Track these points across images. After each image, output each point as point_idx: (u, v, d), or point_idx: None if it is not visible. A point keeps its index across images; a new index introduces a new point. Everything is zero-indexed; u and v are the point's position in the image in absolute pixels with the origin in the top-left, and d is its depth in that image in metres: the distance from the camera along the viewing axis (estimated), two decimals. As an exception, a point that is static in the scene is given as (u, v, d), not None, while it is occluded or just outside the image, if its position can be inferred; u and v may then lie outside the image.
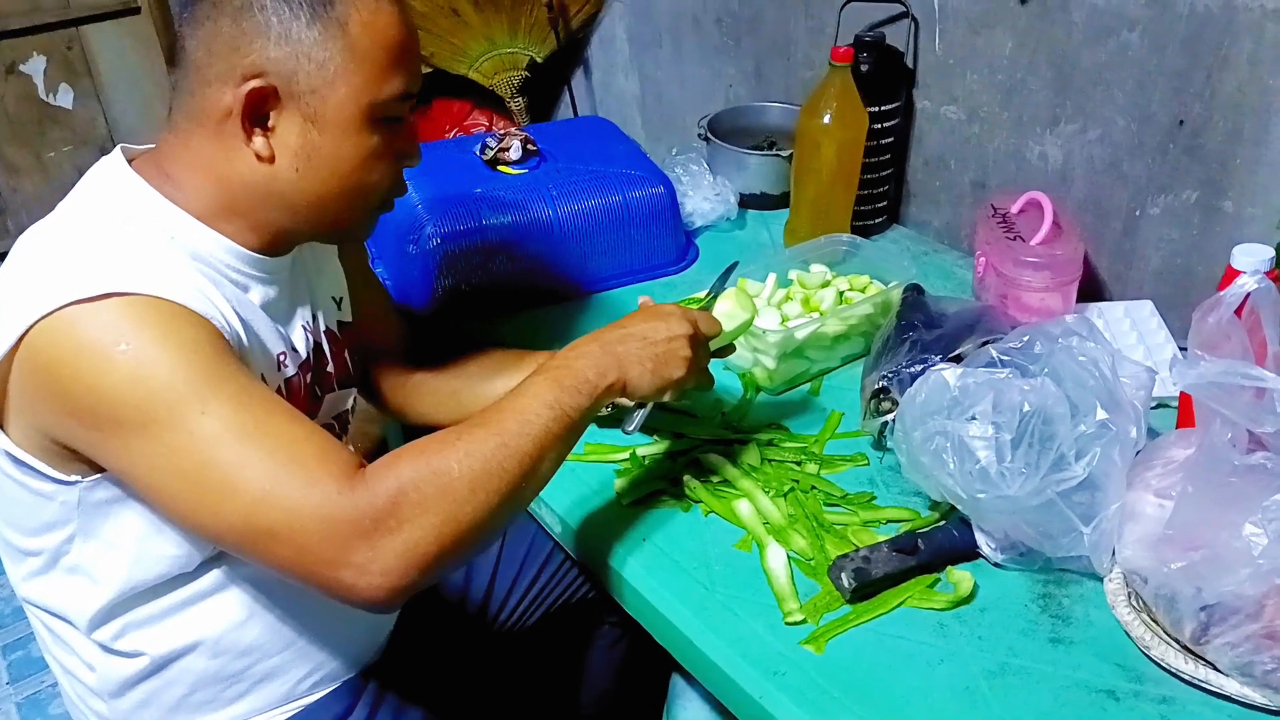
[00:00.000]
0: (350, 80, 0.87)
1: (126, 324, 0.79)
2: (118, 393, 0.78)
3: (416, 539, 0.79)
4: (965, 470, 0.93)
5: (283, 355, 0.97)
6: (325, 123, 0.88)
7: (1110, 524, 0.93)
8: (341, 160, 0.90)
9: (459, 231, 1.41)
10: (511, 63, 2.38)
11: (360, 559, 0.78)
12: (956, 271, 1.54)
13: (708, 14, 1.99)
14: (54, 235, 0.87)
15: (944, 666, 0.90)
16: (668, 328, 0.99)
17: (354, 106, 0.88)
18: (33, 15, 2.35)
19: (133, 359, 0.78)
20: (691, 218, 1.64)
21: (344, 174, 0.91)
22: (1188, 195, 1.30)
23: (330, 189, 0.91)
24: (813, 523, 1.04)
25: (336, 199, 0.92)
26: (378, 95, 0.88)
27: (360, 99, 0.88)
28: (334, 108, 0.87)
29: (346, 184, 0.91)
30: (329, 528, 0.78)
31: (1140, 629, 0.90)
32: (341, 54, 0.86)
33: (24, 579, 0.96)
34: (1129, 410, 0.94)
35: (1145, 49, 1.28)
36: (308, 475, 0.79)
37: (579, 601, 1.32)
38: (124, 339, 0.78)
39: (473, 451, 0.83)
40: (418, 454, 0.83)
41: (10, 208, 2.47)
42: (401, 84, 0.90)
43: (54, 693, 1.91)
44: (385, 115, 0.90)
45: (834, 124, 1.44)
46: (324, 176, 0.90)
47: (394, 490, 0.79)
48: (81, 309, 0.78)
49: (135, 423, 0.79)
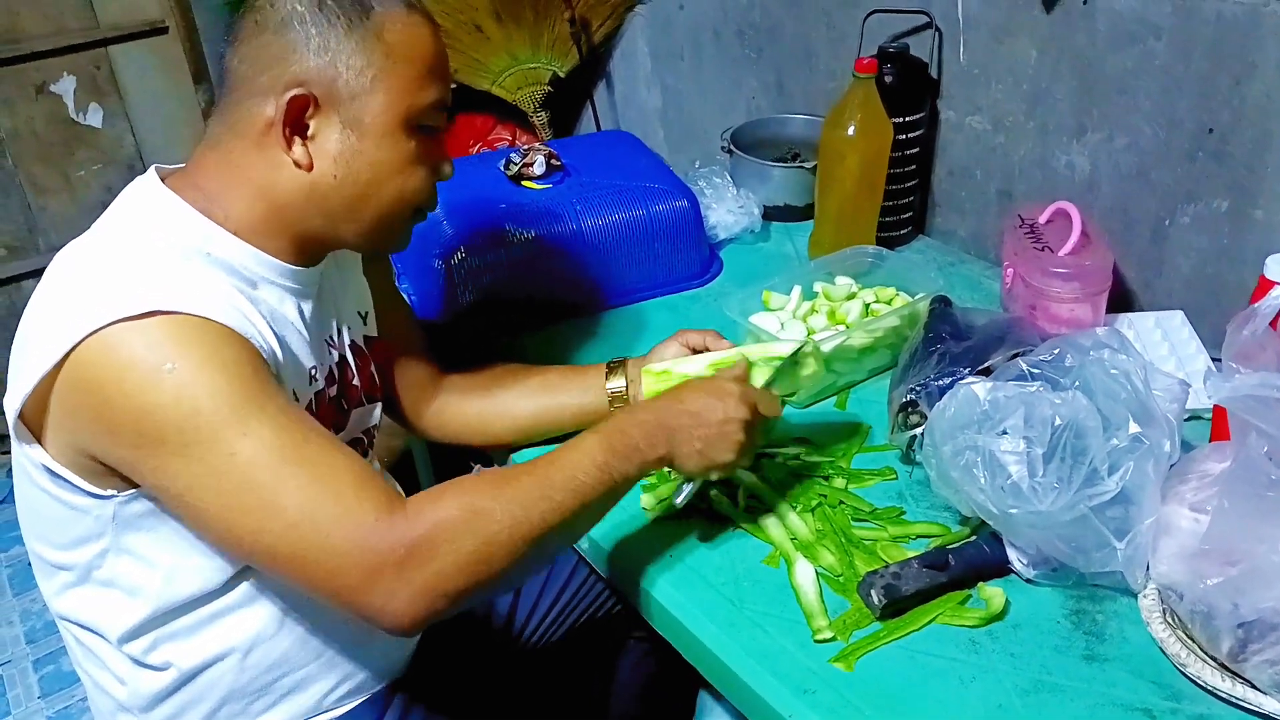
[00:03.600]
0: (389, 86, 0.90)
1: (172, 343, 0.80)
2: (163, 412, 0.79)
3: (448, 573, 0.81)
4: (996, 485, 0.92)
5: (314, 369, 0.98)
6: (364, 128, 0.90)
7: (1144, 539, 0.91)
8: (379, 165, 0.92)
9: (483, 246, 1.41)
10: (534, 77, 2.39)
11: (389, 586, 0.80)
12: (984, 282, 1.53)
13: (729, 26, 1.99)
14: (93, 254, 0.88)
15: (976, 684, 0.89)
16: (724, 409, 0.96)
17: (392, 113, 0.91)
18: (62, 36, 2.38)
19: (178, 379, 0.79)
20: (715, 230, 1.63)
21: (381, 180, 0.93)
22: (1217, 203, 1.29)
23: (368, 195, 0.93)
24: (841, 538, 1.03)
25: (373, 206, 0.94)
26: (414, 102, 0.91)
27: (398, 105, 0.90)
28: (373, 113, 0.90)
29: (383, 190, 0.93)
30: (362, 555, 0.79)
31: (1176, 646, 0.89)
32: (380, 61, 0.89)
33: (57, 593, 0.97)
34: (1162, 423, 0.93)
35: (1171, 56, 1.27)
36: (344, 502, 0.80)
37: (605, 617, 1.31)
38: (170, 359, 0.79)
39: (516, 499, 0.85)
40: (462, 492, 0.84)
41: (39, 227, 2.50)
42: (437, 93, 0.93)
43: (84, 707, 1.93)
44: (421, 123, 0.93)
45: (858, 135, 1.43)
46: (363, 182, 0.92)
47: (432, 524, 0.81)
48: (128, 327, 0.79)
49: (178, 442, 0.80)
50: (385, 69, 0.89)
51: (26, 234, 2.49)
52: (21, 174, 2.43)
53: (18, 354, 0.86)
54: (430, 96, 0.93)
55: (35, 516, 0.94)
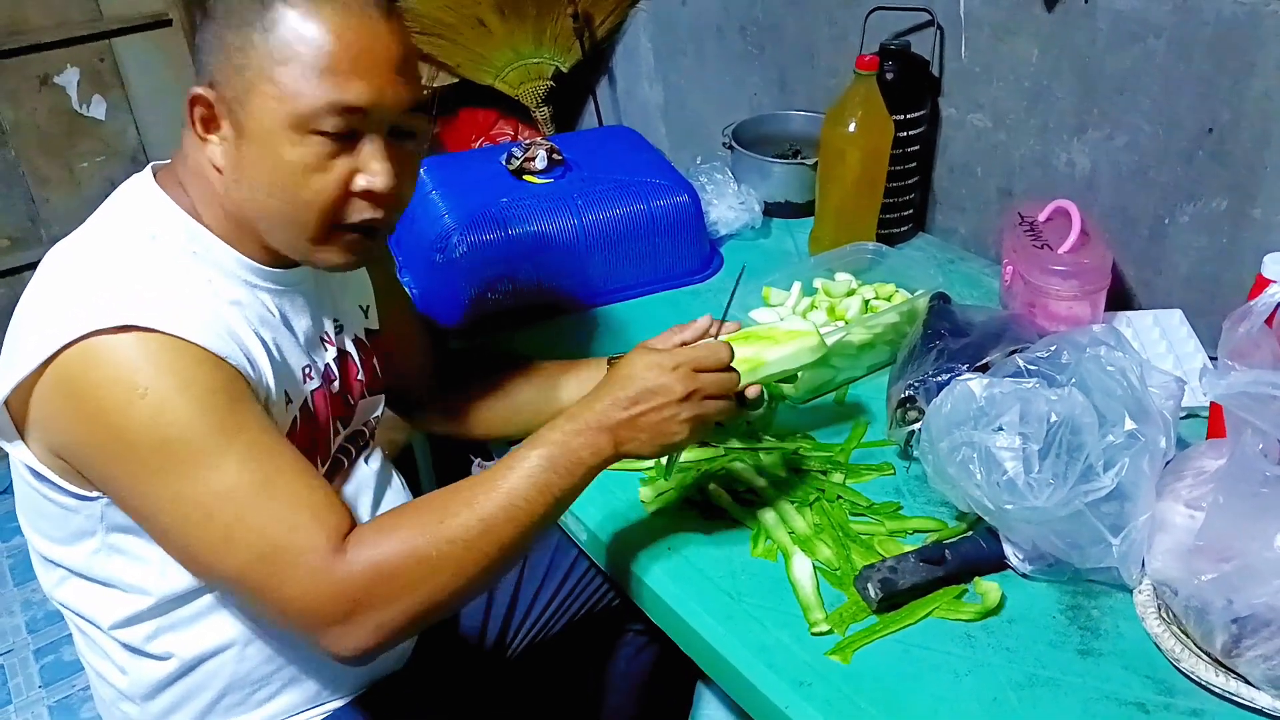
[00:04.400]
0: (267, 89, 0.83)
1: (147, 365, 0.80)
2: (134, 436, 0.80)
3: (392, 618, 0.84)
4: (992, 481, 0.93)
5: (308, 368, 0.98)
6: (248, 133, 0.85)
7: (1139, 535, 0.92)
8: (264, 173, 0.85)
9: (485, 241, 1.42)
10: (537, 72, 2.39)
11: (337, 632, 0.84)
12: (983, 280, 1.54)
13: (731, 23, 1.99)
14: (82, 254, 0.88)
15: (971, 678, 0.89)
16: (664, 390, 0.91)
17: (273, 117, 0.83)
18: (65, 28, 2.38)
19: (153, 405, 0.80)
20: (716, 226, 1.64)
21: (269, 187, 0.86)
22: (1216, 203, 1.29)
23: (261, 203, 0.87)
24: (838, 532, 1.04)
25: (273, 215, 0.88)
26: (300, 105, 0.83)
27: (280, 108, 0.83)
28: (254, 117, 0.84)
29: (275, 199, 0.86)
30: (310, 603, 0.83)
31: (1170, 641, 0.89)
32: (260, 61, 0.83)
33: (56, 585, 0.98)
34: (1158, 420, 0.93)
35: (1171, 55, 1.27)
36: (296, 552, 0.82)
37: (604, 610, 1.32)
38: (144, 382, 0.80)
39: (457, 537, 0.85)
40: (401, 534, 0.84)
41: (42, 218, 2.51)
42: (330, 93, 0.83)
43: (85, 696, 1.94)
44: (315, 129, 0.84)
45: (859, 132, 1.43)
46: (251, 189, 0.87)
47: (373, 574, 0.82)
48: (106, 341, 0.79)
49: (150, 465, 0.81)
50: (266, 70, 0.82)
51: (29, 225, 2.49)
52: (24, 165, 2.44)
53: (5, 351, 0.86)
54: (321, 98, 0.82)
55: (30, 511, 0.95)
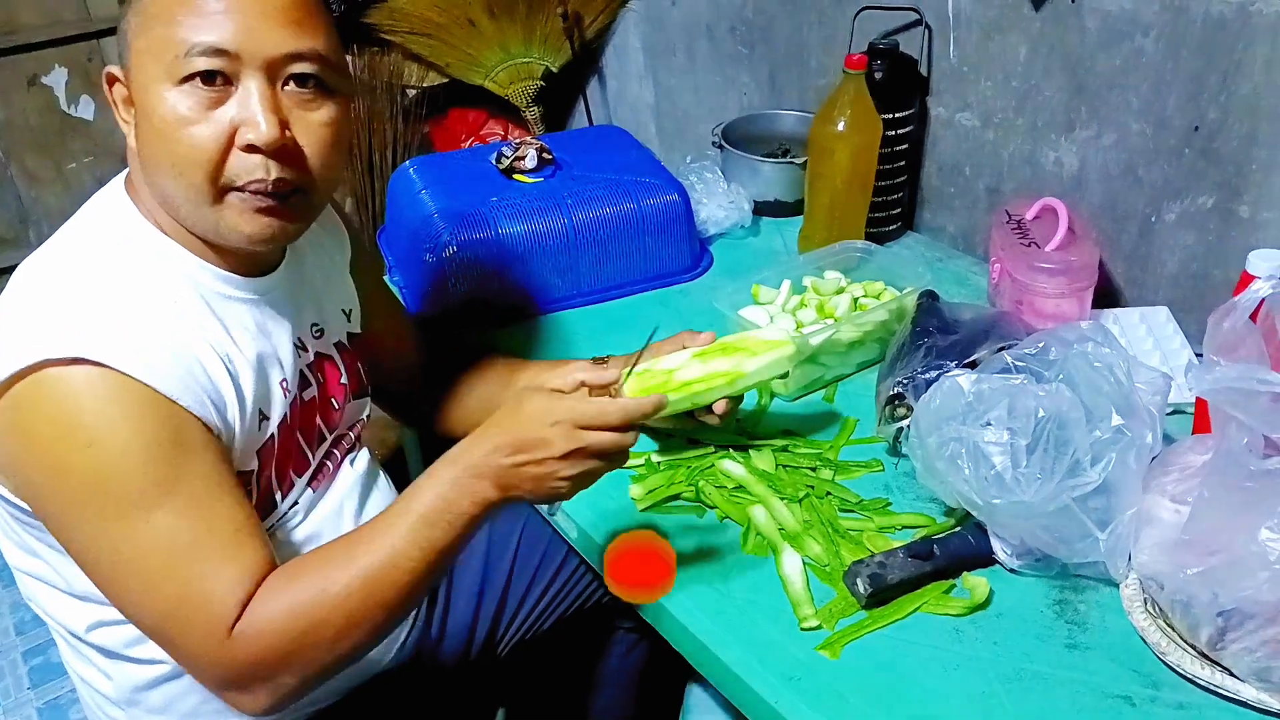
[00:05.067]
0: (143, 49, 0.83)
1: (95, 407, 0.80)
2: (74, 479, 0.81)
3: (285, 686, 0.86)
4: (980, 476, 0.93)
5: (284, 381, 0.97)
6: (136, 96, 0.85)
7: (1126, 529, 0.92)
8: (149, 131, 0.84)
9: (475, 240, 1.42)
10: (527, 72, 2.39)
11: (234, 694, 0.87)
12: (971, 278, 1.54)
13: (721, 23, 2.00)
14: (46, 274, 0.87)
15: (960, 672, 0.90)
16: (545, 445, 0.87)
17: (147, 74, 0.83)
18: (54, 28, 2.38)
19: (94, 452, 0.80)
20: (705, 225, 1.64)
21: (159, 150, 0.84)
22: (1204, 200, 1.30)
23: (159, 171, 0.85)
24: (828, 528, 1.04)
25: (169, 184, 0.86)
26: (165, 55, 0.82)
27: (154, 64, 0.83)
28: (138, 84, 0.84)
29: (164, 163, 0.84)
30: (208, 668, 0.86)
31: (1156, 635, 0.90)
32: (137, 23, 0.84)
33: (33, 594, 0.98)
34: (1144, 416, 0.94)
35: (1160, 54, 1.28)
36: (201, 620, 0.83)
37: (594, 607, 1.32)
38: (89, 426, 0.80)
39: (340, 606, 0.85)
40: (291, 597, 0.85)
41: (32, 217, 2.50)
42: (190, 34, 0.81)
43: (74, 698, 1.93)
44: (184, 75, 0.82)
45: (848, 131, 1.44)
46: (151, 162, 0.86)
47: (261, 652, 0.84)
48: (55, 375, 0.79)
49: (83, 508, 0.82)
50: (141, 31, 0.83)
51: (19, 225, 2.49)
52: (14, 165, 2.43)
53: None
54: (184, 39, 0.81)
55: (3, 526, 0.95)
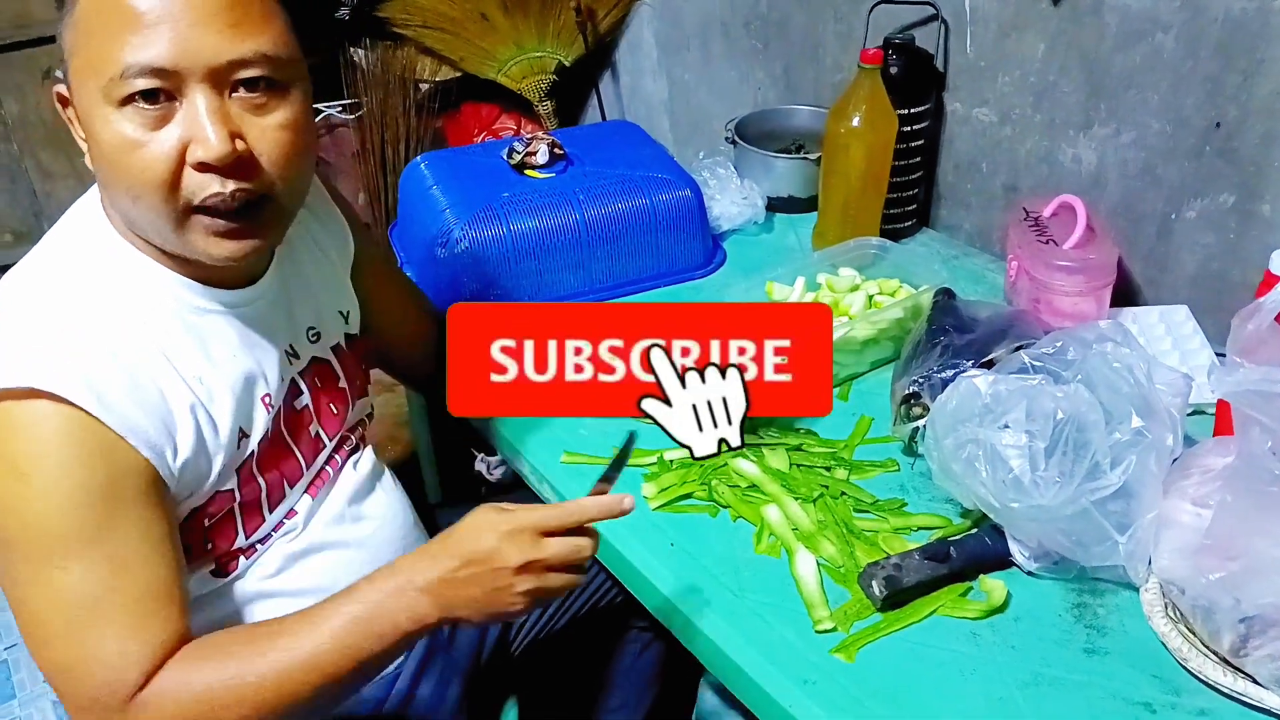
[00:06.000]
0: (81, 67, 0.81)
1: (40, 445, 0.80)
2: (5, 516, 0.80)
3: None
4: (998, 479, 0.92)
5: (267, 397, 0.96)
6: (85, 124, 0.83)
7: (1146, 533, 0.91)
8: (99, 155, 0.83)
9: (486, 236, 1.41)
10: (540, 67, 2.38)
11: None
12: (988, 275, 1.53)
13: (736, 18, 1.99)
14: (18, 292, 0.87)
15: (976, 676, 0.89)
16: (498, 556, 0.82)
17: (91, 97, 0.81)
18: (68, 22, 2.38)
19: (27, 492, 0.80)
20: (719, 221, 1.63)
21: (107, 170, 0.83)
22: (1224, 199, 1.28)
23: (117, 195, 0.84)
24: (842, 529, 1.03)
25: (130, 208, 0.84)
26: (102, 77, 0.79)
27: (90, 82, 0.80)
28: (81, 101, 0.82)
29: (115, 182, 0.83)
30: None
31: (1177, 640, 0.89)
32: (71, 36, 0.81)
33: None
34: (1165, 417, 0.93)
35: (1179, 52, 1.26)
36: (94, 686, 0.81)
37: (607, 606, 1.31)
38: (28, 465, 0.79)
39: (248, 699, 0.81)
40: (195, 689, 0.81)
41: (46, 212, 2.51)
42: (125, 55, 0.78)
43: (87, 692, 1.93)
44: (124, 98, 0.79)
45: (863, 127, 1.43)
46: (105, 181, 0.86)
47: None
48: (4, 407, 0.79)
49: (5, 542, 0.81)
50: (77, 49, 0.81)
51: (32, 219, 2.50)
52: (28, 160, 2.44)
53: None
54: (119, 60, 0.78)
55: None
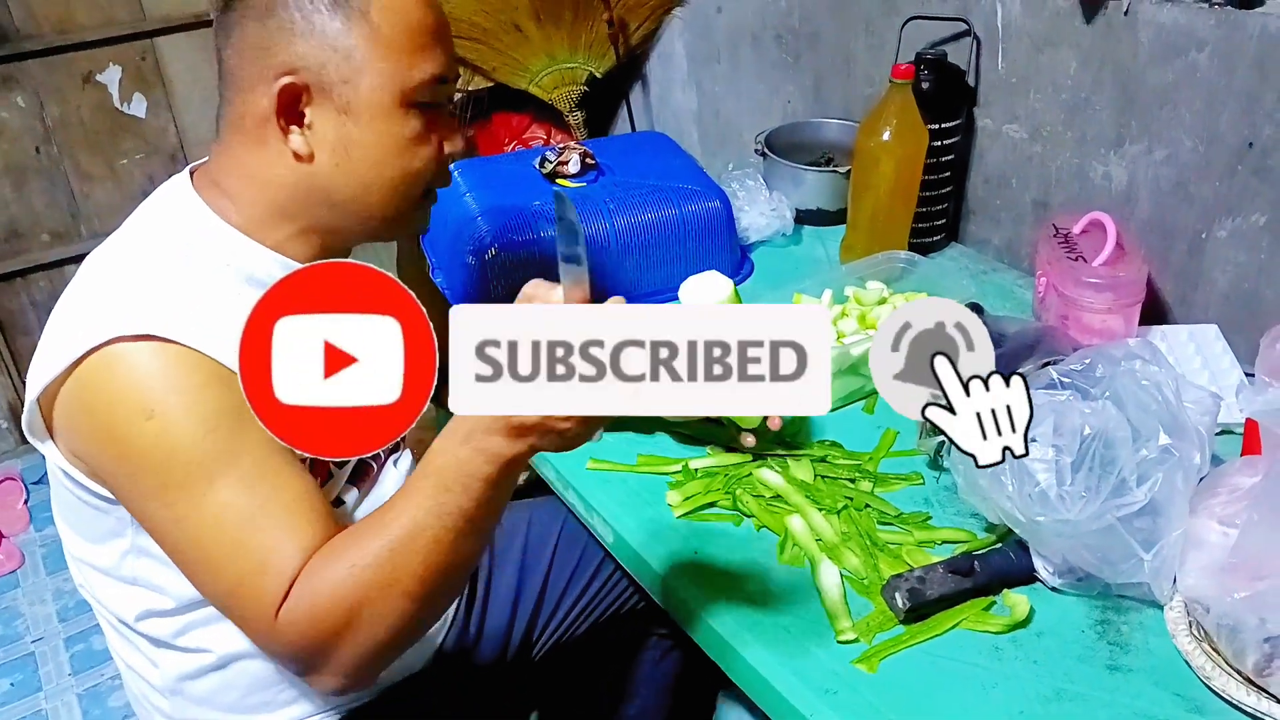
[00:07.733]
0: (378, 67, 0.87)
1: (160, 380, 0.81)
2: (140, 456, 0.82)
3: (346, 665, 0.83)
4: (1024, 493, 0.92)
5: None
6: (359, 113, 0.89)
7: (1172, 551, 0.91)
8: (379, 149, 0.90)
9: (517, 243, 1.43)
10: (571, 77, 2.40)
11: (307, 678, 0.85)
12: (1016, 291, 1.53)
13: (767, 31, 2.00)
14: (115, 261, 0.89)
15: (998, 690, 0.89)
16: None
17: (385, 94, 0.88)
18: (109, 27, 2.42)
19: (158, 426, 0.81)
20: (747, 233, 1.64)
21: (382, 163, 0.91)
22: (1256, 218, 1.28)
23: (370, 180, 0.91)
24: (866, 541, 1.04)
25: (379, 190, 0.92)
26: (409, 80, 0.89)
27: (391, 85, 0.88)
28: (365, 97, 0.88)
29: (386, 173, 0.92)
30: (271, 655, 0.88)
31: (1201, 659, 0.88)
32: (366, 41, 0.87)
33: (85, 581, 1.00)
34: (1193, 435, 0.93)
35: (1214, 69, 1.26)
36: (249, 606, 0.83)
37: (629, 612, 1.32)
38: (154, 400, 0.81)
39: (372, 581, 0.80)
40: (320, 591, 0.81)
41: (84, 214, 2.55)
42: (432, 67, 0.90)
43: (114, 685, 1.96)
44: (420, 100, 0.90)
45: (893, 141, 1.43)
46: (364, 168, 0.91)
47: (304, 637, 0.82)
48: (122, 349, 0.81)
49: (151, 484, 0.83)
50: (373, 49, 0.87)
51: (70, 220, 2.54)
52: (67, 162, 2.48)
53: (38, 352, 0.87)
54: (426, 71, 0.90)
55: (65, 508, 0.96)
